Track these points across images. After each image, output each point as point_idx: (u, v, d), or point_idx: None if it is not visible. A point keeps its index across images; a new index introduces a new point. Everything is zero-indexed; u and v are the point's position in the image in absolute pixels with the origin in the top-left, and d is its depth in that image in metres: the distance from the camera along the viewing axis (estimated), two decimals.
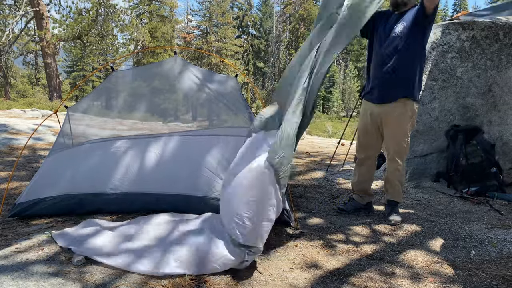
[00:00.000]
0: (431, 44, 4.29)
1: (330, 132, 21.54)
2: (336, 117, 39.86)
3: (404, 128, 2.94)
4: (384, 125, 3.01)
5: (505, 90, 4.51)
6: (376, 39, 3.01)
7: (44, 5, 17.90)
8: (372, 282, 2.08)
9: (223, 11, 37.28)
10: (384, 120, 2.99)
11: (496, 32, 4.39)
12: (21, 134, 6.99)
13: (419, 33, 2.82)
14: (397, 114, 2.92)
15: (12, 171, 3.49)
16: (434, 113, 4.32)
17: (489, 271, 2.19)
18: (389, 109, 2.95)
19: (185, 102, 3.76)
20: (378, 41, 2.98)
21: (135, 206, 3.06)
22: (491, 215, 3.21)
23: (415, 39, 2.82)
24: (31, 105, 19.95)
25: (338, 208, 3.35)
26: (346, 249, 2.52)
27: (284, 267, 2.24)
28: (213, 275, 2.09)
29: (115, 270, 2.11)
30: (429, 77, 4.27)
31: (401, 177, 3.06)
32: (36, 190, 2.99)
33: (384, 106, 2.97)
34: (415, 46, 2.84)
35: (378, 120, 3.03)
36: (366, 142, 3.19)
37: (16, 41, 22.82)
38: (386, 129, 3.01)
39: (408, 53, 2.84)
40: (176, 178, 3.05)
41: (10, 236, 2.60)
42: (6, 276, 1.99)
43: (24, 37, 26.28)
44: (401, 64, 2.85)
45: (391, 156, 3.04)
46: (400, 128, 2.95)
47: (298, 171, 5.21)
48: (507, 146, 4.66)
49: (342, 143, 6.81)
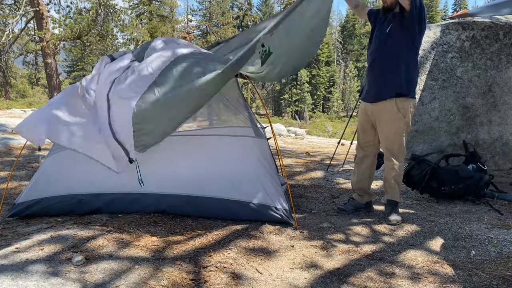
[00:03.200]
0: (431, 44, 4.29)
1: (330, 132, 21.54)
2: (336, 117, 39.88)
3: (396, 127, 2.96)
4: (377, 124, 3.07)
5: (505, 90, 4.51)
6: (372, 39, 3.10)
7: (44, 5, 17.87)
8: (372, 282, 2.08)
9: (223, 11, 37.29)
10: (377, 119, 3.05)
11: (496, 32, 4.39)
12: None
13: (406, 31, 2.85)
14: (388, 113, 2.96)
15: (11, 171, 3.49)
16: (434, 113, 4.32)
17: (489, 271, 2.19)
18: (380, 108, 2.99)
19: None
20: (372, 41, 3.07)
21: (135, 206, 3.05)
22: (491, 215, 3.21)
23: (403, 37, 2.86)
24: (31, 105, 19.96)
25: (338, 208, 3.35)
26: (346, 249, 2.52)
27: (284, 267, 2.24)
28: (213, 275, 2.09)
29: (115, 270, 2.11)
30: (429, 77, 4.27)
31: (398, 177, 3.07)
32: (35, 190, 2.99)
33: (377, 105, 3.02)
34: (403, 44, 2.88)
35: (372, 119, 3.10)
36: (364, 140, 3.23)
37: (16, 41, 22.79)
38: (379, 128, 3.07)
39: (396, 51, 2.88)
40: (176, 178, 3.05)
41: (10, 236, 2.60)
42: (6, 276, 1.99)
43: (24, 37, 26.25)
44: (388, 63, 2.92)
45: (386, 155, 3.09)
46: (392, 127, 2.97)
47: (298, 171, 5.21)
48: (507, 146, 4.66)
49: (342, 143, 6.81)
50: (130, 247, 2.42)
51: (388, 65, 2.93)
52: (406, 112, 2.95)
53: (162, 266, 2.17)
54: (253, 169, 2.98)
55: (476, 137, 4.50)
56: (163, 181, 3.04)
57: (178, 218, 3.00)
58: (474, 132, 4.49)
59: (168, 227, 2.80)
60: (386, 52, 2.93)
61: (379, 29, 3.00)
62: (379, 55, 2.97)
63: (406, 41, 2.87)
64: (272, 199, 2.88)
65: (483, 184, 3.57)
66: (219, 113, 3.55)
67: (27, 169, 4.82)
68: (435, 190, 3.62)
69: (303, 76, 41.86)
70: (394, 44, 2.89)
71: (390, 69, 2.92)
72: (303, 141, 10.36)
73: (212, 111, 3.62)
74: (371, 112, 3.08)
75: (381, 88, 2.97)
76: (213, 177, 3.00)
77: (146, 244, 2.47)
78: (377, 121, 3.06)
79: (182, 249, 2.43)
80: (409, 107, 2.95)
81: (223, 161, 3.04)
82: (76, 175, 3.05)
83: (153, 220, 2.93)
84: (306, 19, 3.04)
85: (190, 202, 2.99)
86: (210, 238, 2.63)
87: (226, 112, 3.45)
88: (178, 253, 2.38)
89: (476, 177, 3.56)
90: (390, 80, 2.92)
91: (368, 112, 3.11)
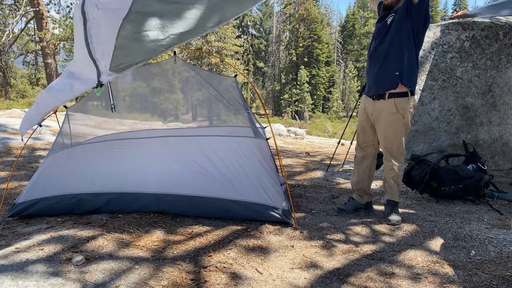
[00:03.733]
0: (431, 44, 4.29)
1: (330, 132, 21.54)
2: (336, 117, 39.91)
3: (394, 127, 2.96)
4: (376, 124, 3.07)
5: (505, 90, 4.51)
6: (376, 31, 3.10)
7: (44, 5, 17.88)
8: (372, 282, 2.08)
9: None
10: (376, 119, 3.05)
11: (496, 32, 4.39)
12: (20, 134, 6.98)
13: (407, 25, 2.84)
14: (387, 114, 2.96)
15: (11, 171, 3.49)
16: (434, 113, 4.32)
17: (489, 271, 2.19)
18: (380, 108, 2.99)
19: (185, 102, 3.76)
20: (375, 33, 3.08)
21: (135, 205, 3.05)
22: (491, 215, 3.21)
23: (406, 29, 2.85)
24: (31, 105, 19.91)
25: (338, 208, 3.35)
26: (346, 249, 2.52)
27: (284, 267, 2.24)
28: (213, 275, 2.09)
29: (115, 270, 2.11)
30: (429, 77, 4.27)
31: (397, 177, 3.07)
32: (35, 190, 2.99)
33: (376, 104, 3.01)
34: (403, 39, 2.87)
35: (372, 119, 3.10)
36: (364, 140, 3.23)
37: (16, 41, 22.80)
38: (378, 129, 3.07)
39: (399, 43, 2.87)
40: (176, 178, 3.05)
41: (10, 236, 2.60)
42: (6, 276, 1.99)
43: (24, 37, 26.26)
44: (391, 55, 2.90)
45: (385, 156, 3.09)
46: (391, 128, 2.97)
47: (298, 171, 5.21)
48: (507, 146, 4.66)
49: (342, 143, 6.81)
50: (130, 247, 2.42)
51: (391, 57, 2.91)
52: (405, 113, 2.94)
53: (162, 266, 2.17)
54: (252, 169, 2.98)
55: (476, 137, 4.50)
56: (163, 181, 3.04)
57: (178, 218, 3.00)
58: (474, 132, 4.49)
59: (168, 227, 2.80)
60: (389, 44, 2.90)
61: (381, 23, 3.00)
62: (382, 47, 2.95)
63: (409, 33, 2.86)
64: (271, 199, 2.89)
65: (483, 184, 3.57)
66: (219, 113, 3.56)
67: (27, 169, 4.83)
68: (435, 190, 3.62)
69: (303, 76, 41.89)
70: (398, 36, 2.87)
71: (392, 61, 2.90)
72: (303, 141, 10.36)
73: (212, 111, 3.62)
74: (370, 112, 3.08)
75: (380, 81, 2.96)
76: (213, 177, 3.01)
77: (146, 244, 2.47)
78: (376, 122, 3.06)
79: (182, 249, 2.43)
80: (408, 107, 2.95)
81: (222, 161, 3.04)
82: (75, 175, 3.06)
83: (153, 220, 2.93)
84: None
85: (190, 202, 3.00)
86: (210, 238, 2.63)
87: (226, 112, 3.45)
88: (178, 253, 2.38)
89: (476, 177, 3.56)
90: (392, 71, 2.90)
91: (368, 112, 3.11)
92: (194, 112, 3.84)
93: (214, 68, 31.40)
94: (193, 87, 3.55)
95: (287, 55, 48.33)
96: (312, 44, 44.30)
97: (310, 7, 44.36)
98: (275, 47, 50.10)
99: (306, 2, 44.58)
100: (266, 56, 50.64)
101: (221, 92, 3.35)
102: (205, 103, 3.69)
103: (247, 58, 47.11)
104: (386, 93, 2.94)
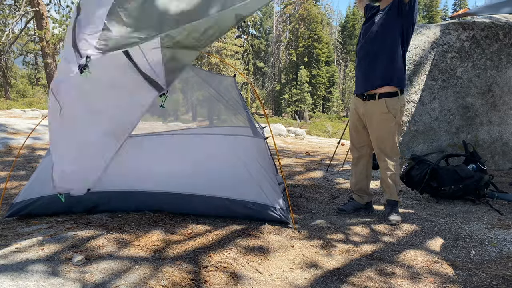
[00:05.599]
0: (431, 44, 4.29)
1: (330, 132, 21.54)
2: (336, 117, 39.90)
3: (386, 127, 2.96)
4: (368, 125, 3.07)
5: (505, 90, 4.51)
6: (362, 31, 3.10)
7: (44, 5, 17.87)
8: (372, 282, 2.08)
9: None
10: (367, 120, 3.05)
11: (496, 32, 4.39)
12: (20, 134, 6.99)
13: (397, 24, 2.84)
14: (378, 114, 2.95)
15: (10, 170, 3.49)
16: (434, 113, 4.32)
17: (489, 271, 2.19)
18: (371, 109, 2.98)
19: (185, 102, 3.76)
20: (362, 33, 3.07)
21: (134, 204, 3.05)
22: (491, 215, 3.21)
23: (392, 31, 2.85)
24: (31, 105, 19.96)
25: (338, 208, 3.35)
26: (346, 249, 2.52)
27: (284, 267, 2.24)
28: (213, 275, 2.09)
29: (115, 270, 2.11)
30: (429, 77, 4.27)
31: (394, 176, 3.06)
32: (33, 189, 2.98)
33: (367, 105, 3.00)
34: (392, 38, 2.86)
35: (364, 119, 3.09)
36: (358, 140, 3.22)
37: (16, 41, 22.80)
38: (370, 129, 3.06)
39: (387, 42, 2.87)
40: (175, 177, 3.05)
41: (10, 236, 2.60)
42: (6, 276, 1.99)
43: (24, 37, 26.25)
44: (379, 54, 2.90)
45: (379, 156, 3.08)
46: (383, 128, 2.97)
47: (298, 171, 5.21)
48: (507, 146, 4.66)
49: (342, 143, 6.81)
50: (130, 247, 2.42)
51: (380, 56, 2.90)
52: (396, 112, 2.94)
53: (162, 266, 2.17)
54: (251, 169, 2.98)
55: (476, 137, 4.50)
56: (162, 180, 3.04)
57: (178, 218, 3.00)
58: (474, 132, 4.49)
59: (168, 227, 2.80)
60: (378, 43, 2.90)
61: (371, 20, 2.99)
62: (370, 46, 2.94)
63: (399, 33, 2.86)
64: (269, 199, 2.89)
65: (483, 184, 3.57)
66: (219, 113, 3.56)
67: (27, 169, 4.82)
68: (435, 190, 3.62)
69: (303, 76, 41.90)
70: (387, 35, 2.87)
71: (381, 60, 2.89)
72: (303, 141, 10.37)
73: (212, 111, 3.63)
74: (362, 113, 3.07)
75: (369, 78, 2.95)
76: (212, 176, 3.01)
77: (146, 244, 2.47)
78: (368, 122, 3.05)
79: (182, 249, 2.43)
80: (399, 106, 2.95)
81: (222, 160, 3.04)
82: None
83: (153, 220, 2.93)
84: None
85: (188, 200, 2.99)
86: (210, 238, 2.63)
87: (225, 112, 3.45)
88: (178, 253, 2.38)
89: (476, 177, 3.56)
90: (381, 70, 2.90)
91: (359, 113, 3.10)
92: (194, 112, 3.85)
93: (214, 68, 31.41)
94: (192, 87, 3.55)
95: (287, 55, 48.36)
96: (312, 44, 44.33)
97: (310, 7, 44.38)
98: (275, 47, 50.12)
99: (306, 2, 44.60)
100: (266, 56, 50.68)
101: (221, 92, 3.35)
102: (204, 103, 3.69)
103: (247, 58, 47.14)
104: (376, 94, 2.94)
